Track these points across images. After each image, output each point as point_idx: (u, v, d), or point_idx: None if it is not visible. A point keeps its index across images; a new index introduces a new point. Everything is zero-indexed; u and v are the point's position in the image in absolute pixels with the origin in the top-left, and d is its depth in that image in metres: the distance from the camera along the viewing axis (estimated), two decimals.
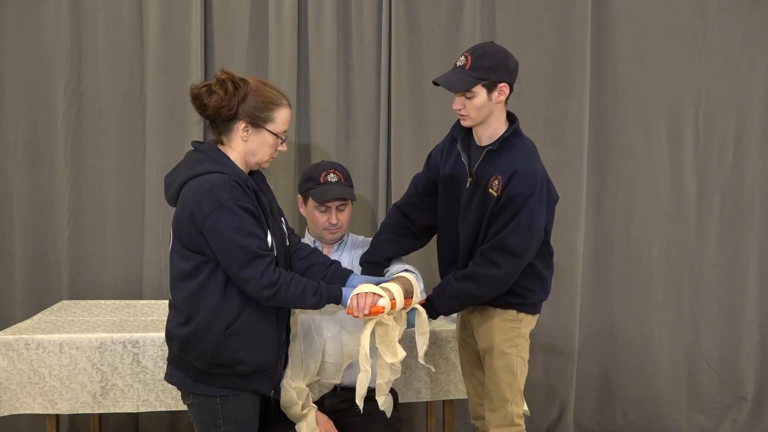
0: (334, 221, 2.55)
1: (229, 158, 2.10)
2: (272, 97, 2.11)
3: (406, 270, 2.47)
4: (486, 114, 2.37)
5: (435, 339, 2.88)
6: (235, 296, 2.08)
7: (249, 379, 2.13)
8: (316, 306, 2.15)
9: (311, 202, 2.57)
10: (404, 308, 2.28)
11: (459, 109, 2.39)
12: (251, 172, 2.19)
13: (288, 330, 2.30)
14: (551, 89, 3.52)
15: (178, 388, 2.21)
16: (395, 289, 2.22)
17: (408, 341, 2.84)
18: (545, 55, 3.51)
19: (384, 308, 2.13)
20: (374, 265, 2.55)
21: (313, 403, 2.47)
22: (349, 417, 2.47)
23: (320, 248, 2.63)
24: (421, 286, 2.43)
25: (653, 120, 3.59)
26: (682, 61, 3.58)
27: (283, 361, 2.29)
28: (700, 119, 3.61)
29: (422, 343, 2.35)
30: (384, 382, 2.31)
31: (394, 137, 3.44)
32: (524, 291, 2.45)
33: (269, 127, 2.11)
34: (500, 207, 2.34)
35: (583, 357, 3.63)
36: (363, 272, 2.52)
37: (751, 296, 3.69)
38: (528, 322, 2.51)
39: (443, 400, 3.02)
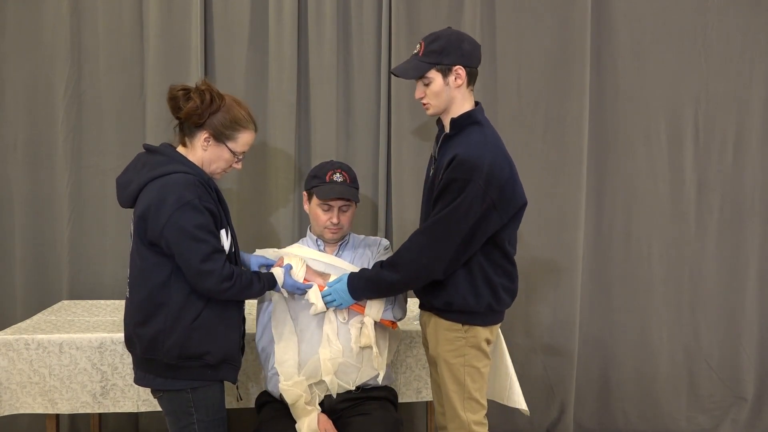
0: (335, 221, 2.56)
1: (189, 160, 2.21)
2: (240, 118, 2.23)
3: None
4: (446, 100, 2.29)
5: None
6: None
7: (217, 369, 2.21)
8: (261, 292, 2.31)
9: (315, 199, 2.58)
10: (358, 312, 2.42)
11: (420, 98, 2.33)
12: None
13: (244, 320, 2.39)
14: (551, 89, 3.52)
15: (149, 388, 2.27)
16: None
17: (405, 345, 2.84)
18: (545, 55, 3.51)
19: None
20: None
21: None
22: (349, 417, 2.47)
23: (323, 247, 2.64)
24: (391, 308, 2.49)
25: (653, 120, 3.59)
26: (682, 61, 3.58)
27: (242, 350, 2.36)
28: (700, 119, 3.61)
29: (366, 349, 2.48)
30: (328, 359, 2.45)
31: (394, 137, 3.44)
32: (464, 300, 2.27)
33: (230, 144, 2.23)
34: (438, 192, 2.21)
35: (583, 357, 3.63)
36: None
37: (751, 296, 3.69)
38: (478, 333, 2.32)
39: None
